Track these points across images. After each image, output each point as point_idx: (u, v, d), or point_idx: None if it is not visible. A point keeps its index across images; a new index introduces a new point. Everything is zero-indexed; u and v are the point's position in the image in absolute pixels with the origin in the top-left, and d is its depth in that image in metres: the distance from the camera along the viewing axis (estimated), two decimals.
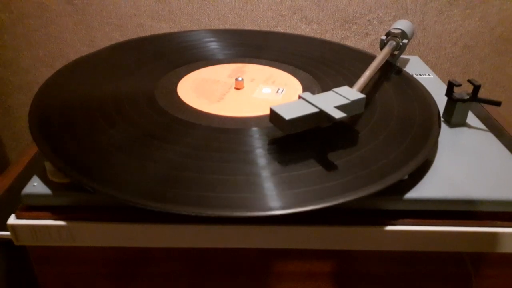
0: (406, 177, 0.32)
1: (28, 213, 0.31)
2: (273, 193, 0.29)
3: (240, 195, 0.28)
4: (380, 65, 0.44)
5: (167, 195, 0.28)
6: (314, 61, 0.50)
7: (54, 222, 0.30)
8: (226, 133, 0.35)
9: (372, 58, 0.50)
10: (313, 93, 0.39)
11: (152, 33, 0.73)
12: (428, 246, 0.32)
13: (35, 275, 0.34)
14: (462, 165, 0.34)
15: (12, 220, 0.31)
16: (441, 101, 0.42)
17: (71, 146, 0.33)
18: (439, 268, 0.34)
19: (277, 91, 0.41)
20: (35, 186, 0.31)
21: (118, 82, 0.43)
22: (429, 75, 0.52)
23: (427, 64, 0.56)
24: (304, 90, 0.43)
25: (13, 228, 0.31)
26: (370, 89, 0.43)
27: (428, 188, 0.32)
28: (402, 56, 0.56)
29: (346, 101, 0.35)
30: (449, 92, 0.40)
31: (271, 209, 0.27)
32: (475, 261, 0.34)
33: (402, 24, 0.51)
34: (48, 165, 0.31)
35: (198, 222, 0.30)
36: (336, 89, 0.36)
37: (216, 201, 0.28)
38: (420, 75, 0.52)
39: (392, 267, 0.34)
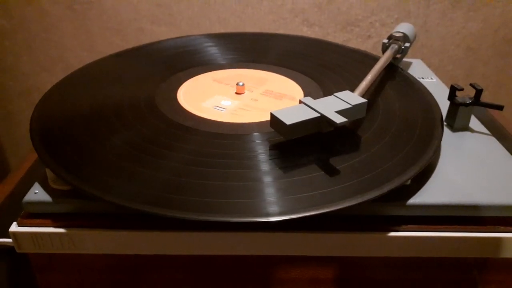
0: (409, 182, 0.32)
1: (30, 220, 0.31)
2: (275, 199, 0.29)
3: (242, 201, 0.28)
4: (382, 69, 0.44)
5: (170, 202, 0.28)
6: (315, 64, 0.50)
7: (56, 230, 0.30)
8: (227, 139, 0.35)
9: (374, 59, 0.49)
10: (314, 97, 0.39)
11: (152, 37, 0.73)
12: (431, 252, 0.32)
13: (37, 282, 0.34)
14: (465, 170, 0.34)
15: (13, 227, 0.31)
16: (443, 105, 0.41)
17: (73, 154, 0.33)
18: (444, 274, 0.34)
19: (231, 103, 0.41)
20: (37, 194, 0.31)
21: (119, 89, 0.43)
22: (432, 78, 0.52)
23: (430, 66, 0.56)
24: (305, 94, 0.43)
25: (15, 235, 0.31)
26: (372, 93, 0.43)
27: (431, 194, 0.31)
28: (404, 59, 0.56)
29: (347, 106, 0.35)
30: (451, 96, 0.40)
31: (272, 215, 0.27)
32: (480, 266, 0.33)
33: (404, 28, 0.51)
34: (49, 172, 0.31)
35: (200, 229, 0.30)
36: (337, 94, 0.36)
37: (218, 206, 0.28)
38: (422, 78, 0.52)
39: (396, 273, 0.34)
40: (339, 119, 0.32)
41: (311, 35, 0.74)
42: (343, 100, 0.35)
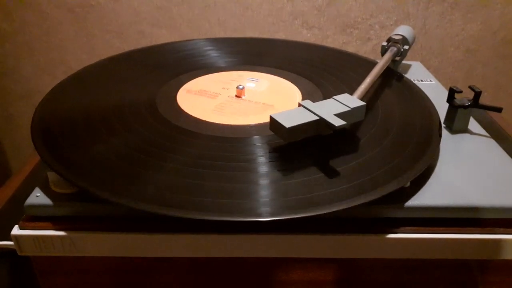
0: (407, 184, 0.32)
1: (32, 223, 0.31)
2: (274, 201, 0.29)
3: (240, 202, 0.29)
4: (381, 72, 0.44)
5: (170, 203, 0.28)
6: (315, 67, 0.50)
7: (57, 233, 0.31)
8: (227, 142, 0.35)
9: (373, 64, 0.50)
10: (314, 100, 0.39)
11: (153, 40, 0.73)
12: (431, 253, 0.32)
13: (38, 285, 0.34)
14: (464, 172, 0.34)
15: (15, 230, 0.31)
16: (442, 107, 0.41)
17: (75, 156, 0.33)
18: (443, 276, 0.34)
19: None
20: (38, 197, 0.31)
21: (119, 92, 0.43)
22: (430, 81, 0.52)
23: (429, 68, 0.56)
24: (304, 97, 0.44)
25: (16, 238, 0.31)
26: (371, 96, 0.43)
27: (430, 196, 0.32)
28: (403, 61, 0.56)
29: (346, 109, 0.35)
30: (450, 99, 0.40)
31: (269, 216, 0.27)
32: (479, 268, 0.34)
33: (403, 30, 0.51)
34: (50, 175, 0.32)
35: (200, 231, 0.30)
36: (336, 97, 0.36)
37: (217, 207, 0.28)
38: (421, 81, 0.52)
39: (395, 275, 0.34)
40: (338, 122, 0.32)
41: (310, 38, 0.74)
42: (342, 103, 0.35)
